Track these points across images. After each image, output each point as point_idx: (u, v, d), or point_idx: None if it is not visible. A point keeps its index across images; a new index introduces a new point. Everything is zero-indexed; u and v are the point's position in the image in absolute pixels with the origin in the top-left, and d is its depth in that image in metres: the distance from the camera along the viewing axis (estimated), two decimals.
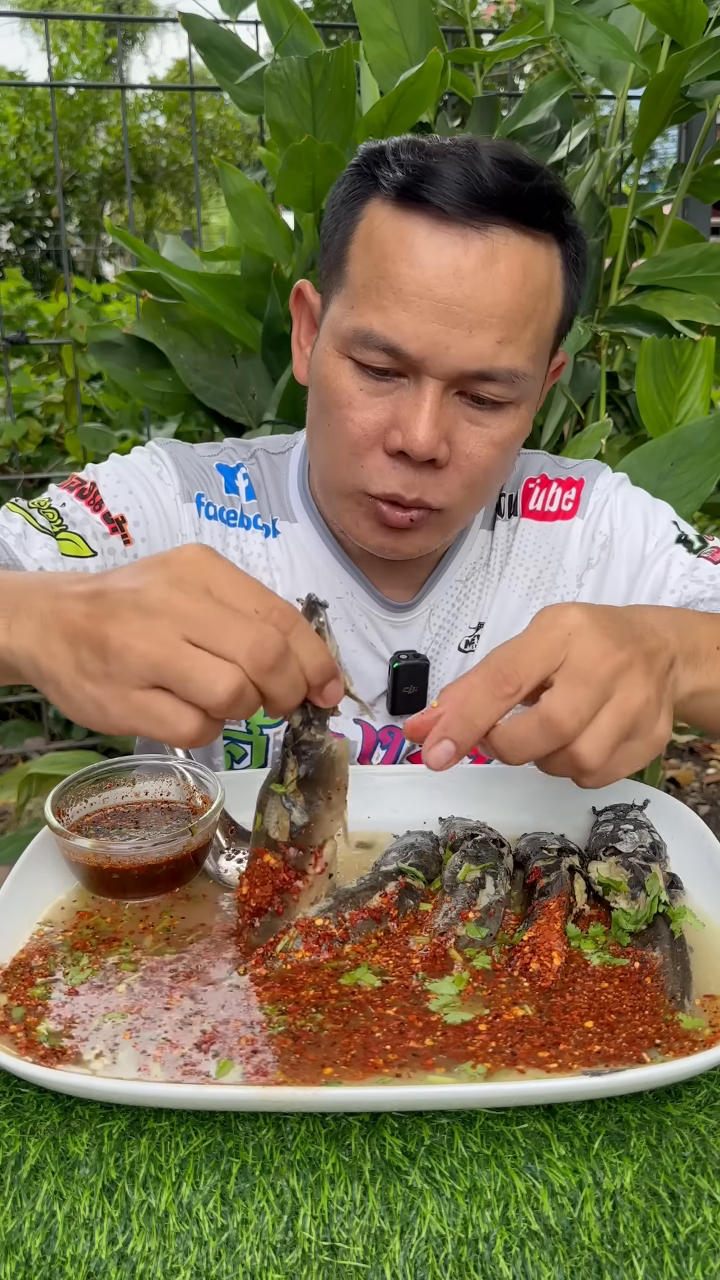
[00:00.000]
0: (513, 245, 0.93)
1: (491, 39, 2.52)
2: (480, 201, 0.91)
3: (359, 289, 0.96)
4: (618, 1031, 0.68)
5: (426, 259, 0.92)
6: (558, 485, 1.19)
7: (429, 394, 0.94)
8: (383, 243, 0.95)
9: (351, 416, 0.97)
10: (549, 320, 0.99)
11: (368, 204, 0.98)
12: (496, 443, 0.99)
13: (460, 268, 0.92)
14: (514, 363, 0.95)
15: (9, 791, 2.44)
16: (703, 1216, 0.59)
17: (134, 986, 0.73)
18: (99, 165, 12.76)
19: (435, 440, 0.94)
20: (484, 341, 0.93)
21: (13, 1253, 0.58)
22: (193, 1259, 0.57)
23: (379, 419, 0.97)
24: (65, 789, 0.87)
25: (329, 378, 0.99)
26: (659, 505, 1.19)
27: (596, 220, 1.87)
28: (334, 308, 1.01)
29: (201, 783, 0.89)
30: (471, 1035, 0.67)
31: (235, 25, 2.13)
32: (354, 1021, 0.69)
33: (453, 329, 0.92)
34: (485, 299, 0.92)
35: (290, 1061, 0.65)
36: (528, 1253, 0.57)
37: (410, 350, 0.93)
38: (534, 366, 0.98)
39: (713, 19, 1.61)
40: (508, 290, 0.93)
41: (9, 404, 3.10)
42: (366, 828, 0.94)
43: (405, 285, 0.93)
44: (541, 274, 0.96)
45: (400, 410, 0.96)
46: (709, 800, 3.29)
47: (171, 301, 2.01)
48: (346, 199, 1.01)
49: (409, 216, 0.94)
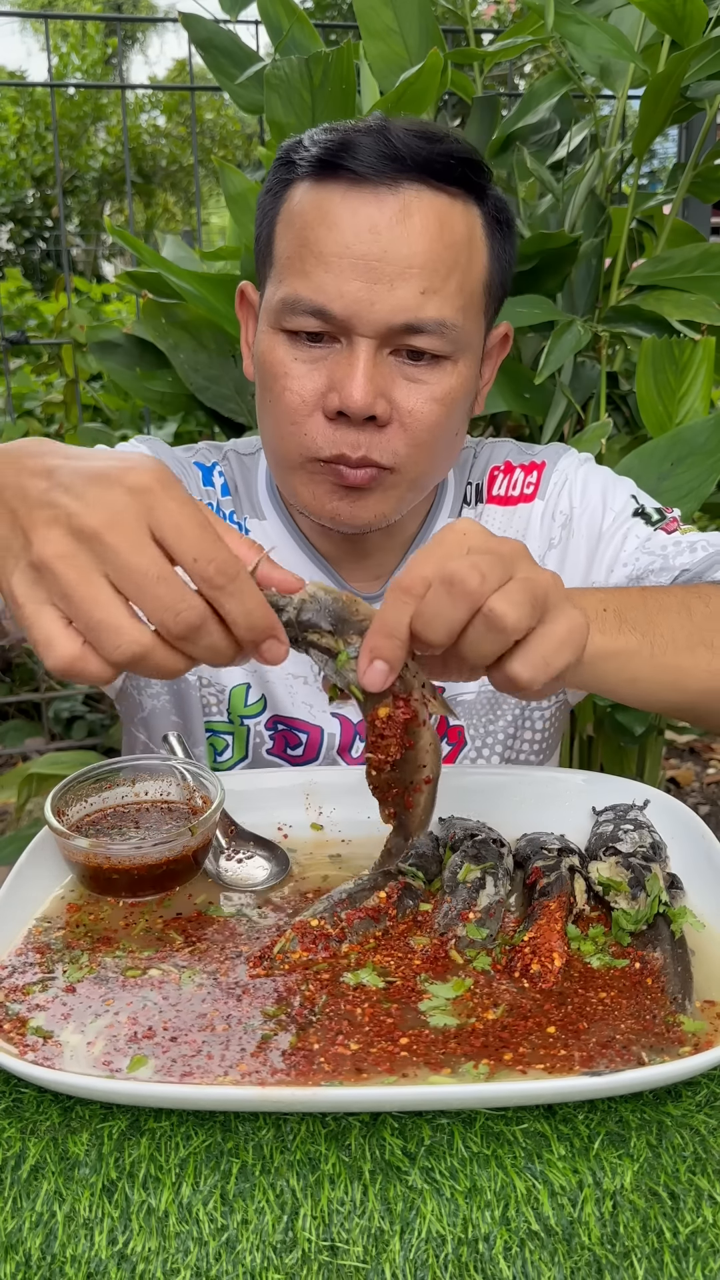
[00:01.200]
0: (426, 200, 0.96)
1: (491, 39, 2.52)
2: (392, 162, 0.95)
3: (284, 263, 0.99)
4: (617, 1032, 0.68)
5: (343, 220, 0.95)
6: (521, 470, 1.20)
7: (361, 352, 0.96)
8: (302, 214, 0.98)
9: (289, 385, 0.99)
10: (474, 274, 1.00)
11: (289, 188, 1.01)
12: (438, 398, 0.99)
13: (376, 224, 0.95)
14: (440, 313, 0.97)
15: (9, 791, 2.44)
16: (703, 1217, 0.59)
17: (133, 986, 0.73)
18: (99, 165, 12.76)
19: (370, 395, 0.95)
20: (406, 293, 0.95)
21: (13, 1253, 0.58)
22: (193, 1259, 0.57)
23: (316, 385, 0.98)
24: (65, 789, 0.87)
25: (265, 353, 1.02)
26: (620, 480, 1.19)
27: (596, 220, 1.87)
28: (267, 291, 1.04)
29: (201, 783, 0.89)
30: (454, 1039, 0.67)
31: (235, 25, 2.13)
32: (350, 1022, 0.69)
33: (375, 284, 0.95)
34: (402, 250, 0.95)
35: (289, 1061, 0.65)
36: (528, 1253, 0.57)
37: (336, 310, 0.95)
38: (464, 319, 0.99)
39: (713, 19, 1.61)
40: (424, 241, 0.95)
41: (9, 404, 3.10)
42: (367, 828, 0.94)
43: (325, 248, 0.96)
44: (459, 228, 0.98)
45: (335, 372, 0.97)
46: (709, 800, 3.29)
47: (171, 301, 2.01)
48: (270, 188, 1.04)
49: (325, 186, 0.97)
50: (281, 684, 1.14)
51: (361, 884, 0.81)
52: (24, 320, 4.05)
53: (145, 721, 1.19)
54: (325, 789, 0.96)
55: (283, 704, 1.15)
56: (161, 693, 1.17)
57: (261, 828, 0.92)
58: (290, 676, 1.14)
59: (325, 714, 1.15)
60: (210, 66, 2.03)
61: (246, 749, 1.16)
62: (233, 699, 1.15)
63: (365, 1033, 0.67)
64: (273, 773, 1.04)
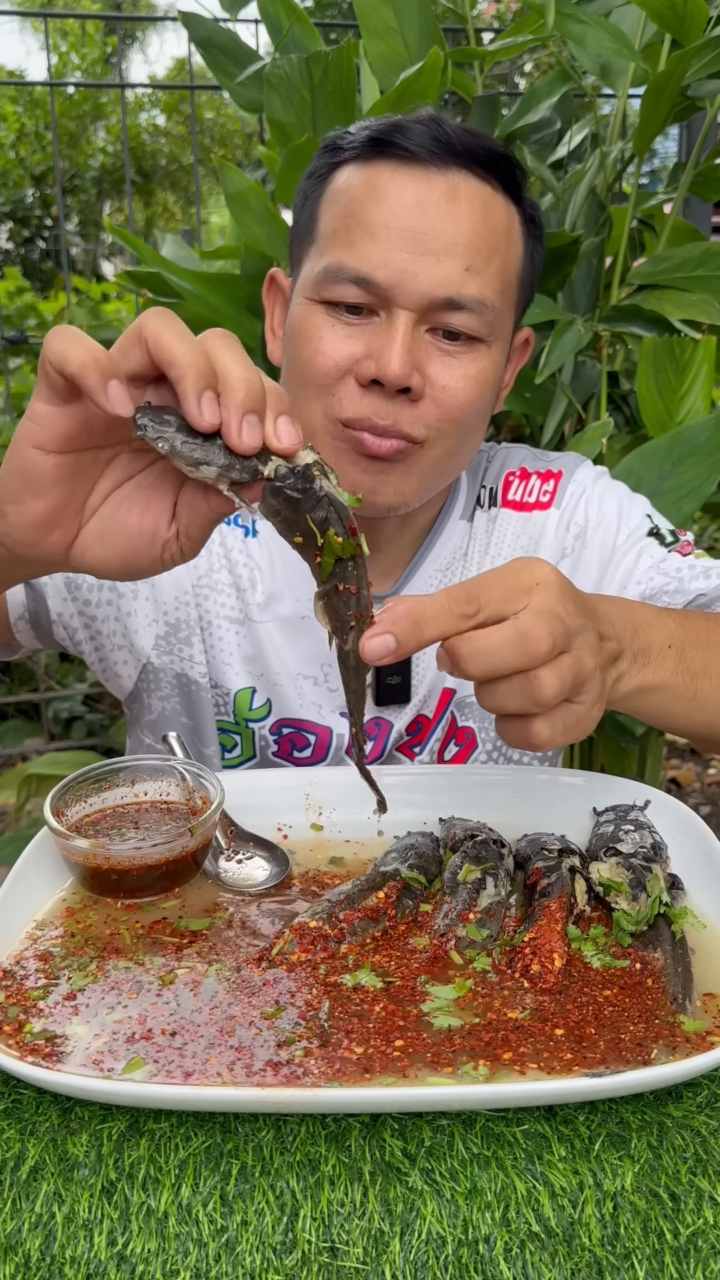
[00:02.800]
0: (473, 186, 0.99)
1: (492, 38, 2.52)
2: (443, 145, 0.98)
3: (328, 236, 1.00)
4: (618, 1033, 0.68)
5: (391, 195, 0.97)
6: (537, 477, 1.20)
7: (401, 324, 0.97)
8: (349, 190, 1.00)
9: (322, 349, 0.99)
10: (512, 261, 1.03)
11: (335, 171, 1.03)
12: (471, 376, 1.00)
13: (424, 200, 0.97)
14: (482, 291, 0.98)
15: (8, 792, 2.44)
16: (703, 1218, 0.59)
17: (132, 987, 0.72)
18: (99, 164, 12.74)
19: (408, 366, 0.96)
20: (451, 268, 0.97)
21: (12, 1254, 0.58)
22: (192, 1260, 0.57)
23: (351, 351, 0.98)
24: (64, 789, 0.87)
25: (299, 322, 1.01)
26: (635, 498, 1.19)
27: (597, 219, 1.87)
28: (305, 267, 1.04)
29: (201, 783, 0.89)
30: (454, 1040, 0.67)
31: (235, 24, 2.12)
32: (349, 1024, 0.68)
33: (420, 256, 0.96)
34: (449, 227, 0.97)
35: (289, 1062, 0.65)
36: (528, 1254, 0.57)
37: (379, 278, 0.96)
38: (501, 302, 1.01)
39: (713, 18, 1.61)
40: (470, 222, 0.98)
41: (8, 403, 3.09)
42: (366, 828, 0.94)
43: (371, 219, 0.97)
44: (501, 216, 1.01)
45: (373, 342, 0.98)
46: (710, 800, 3.29)
47: (171, 301, 2.01)
48: (313, 173, 1.06)
49: (374, 164, 1.00)
50: (290, 684, 1.14)
51: (360, 884, 0.81)
52: (23, 319, 4.05)
53: (153, 725, 1.18)
54: (325, 790, 0.96)
55: (290, 705, 1.14)
56: (172, 695, 1.16)
57: (261, 828, 0.92)
58: (300, 677, 1.14)
59: (334, 714, 1.14)
60: (210, 65, 2.03)
61: (254, 749, 1.16)
62: (237, 702, 1.15)
63: (364, 1034, 0.67)
64: (273, 773, 1.04)
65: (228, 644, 1.14)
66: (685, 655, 0.89)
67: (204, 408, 0.62)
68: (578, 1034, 0.68)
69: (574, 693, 0.72)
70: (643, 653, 0.85)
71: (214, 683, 1.15)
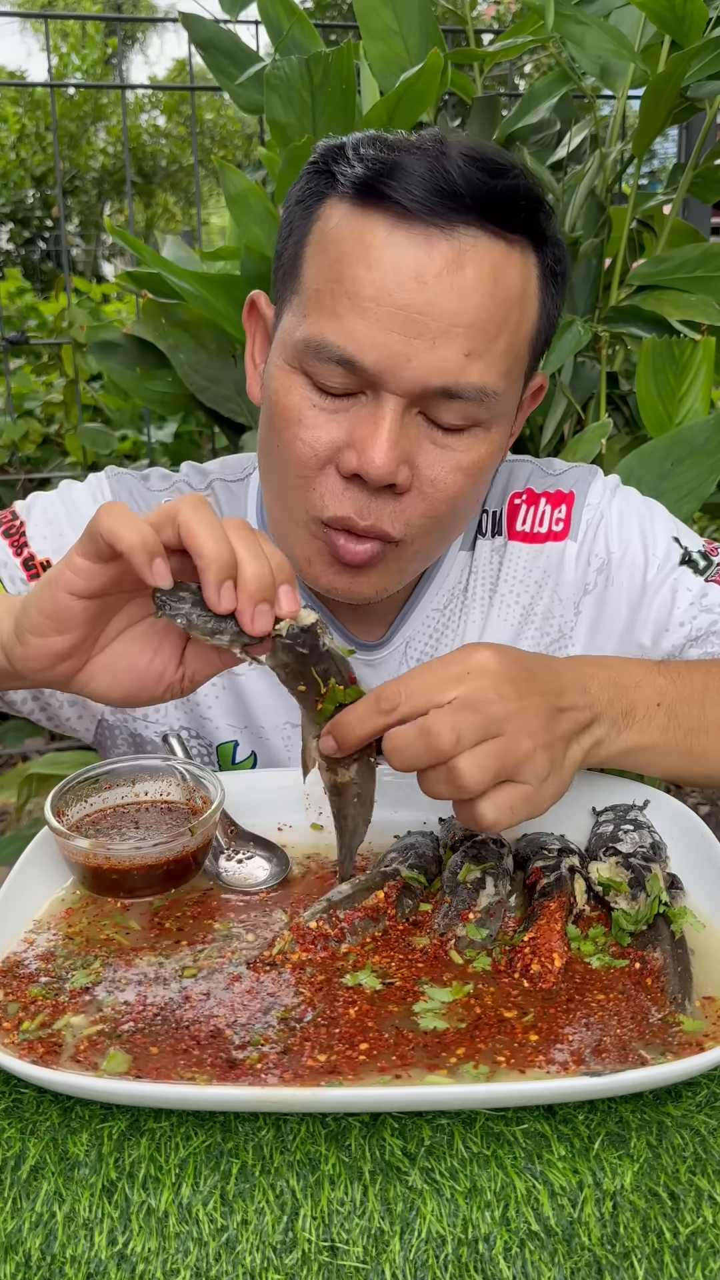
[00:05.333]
0: (483, 248, 0.85)
1: (492, 39, 2.52)
2: (447, 199, 0.84)
3: (312, 295, 0.89)
4: (618, 1032, 0.68)
5: (385, 261, 0.84)
6: (546, 501, 1.10)
7: (388, 411, 0.86)
8: (338, 243, 0.87)
9: (301, 435, 0.89)
10: (523, 333, 0.91)
11: (324, 204, 0.90)
12: (464, 468, 0.90)
13: (423, 271, 0.84)
14: (483, 379, 0.87)
15: (9, 791, 2.44)
16: (703, 1217, 0.59)
17: (132, 987, 0.72)
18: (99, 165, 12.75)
19: (394, 462, 0.86)
20: (449, 353, 0.85)
21: (12, 1253, 0.58)
22: (192, 1259, 0.57)
23: (332, 438, 0.89)
24: (65, 789, 0.87)
25: (279, 393, 0.91)
26: (656, 516, 1.10)
27: (596, 220, 1.87)
28: (286, 318, 0.93)
29: (201, 783, 0.89)
30: (454, 1040, 0.67)
31: (235, 25, 2.12)
32: (350, 1024, 0.68)
33: (414, 339, 0.84)
34: (450, 306, 0.84)
35: (288, 1062, 0.65)
36: (528, 1253, 0.57)
37: (366, 362, 0.85)
38: (506, 384, 0.90)
39: (713, 19, 1.61)
40: (476, 297, 0.85)
41: (9, 404, 3.10)
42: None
43: (361, 289, 0.85)
44: (514, 281, 0.88)
45: (356, 429, 0.87)
46: (709, 800, 3.29)
47: (171, 301, 2.01)
48: (302, 199, 0.93)
49: (368, 215, 0.86)
50: (277, 735, 1.09)
51: (360, 884, 0.81)
52: (24, 320, 4.05)
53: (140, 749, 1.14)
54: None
55: (278, 756, 1.09)
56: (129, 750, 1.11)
57: (261, 828, 0.92)
58: (287, 725, 1.08)
59: None
60: (210, 66, 2.03)
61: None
62: (220, 754, 1.10)
63: (365, 1034, 0.67)
64: (273, 773, 1.04)
65: (205, 698, 1.08)
66: (677, 712, 0.89)
67: (223, 596, 0.70)
68: (577, 1033, 0.68)
69: (509, 774, 0.74)
70: (626, 714, 0.86)
71: (195, 734, 1.10)
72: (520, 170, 0.89)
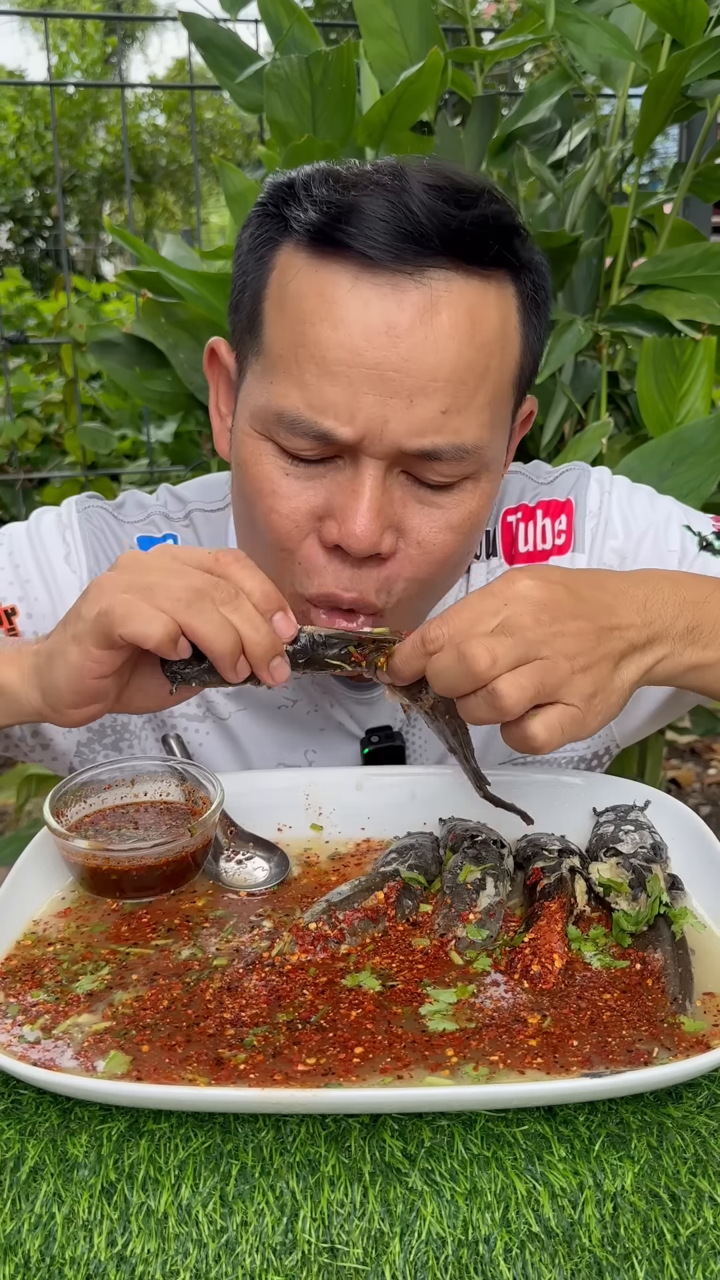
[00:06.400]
0: (456, 291, 0.80)
1: (492, 38, 2.51)
2: (413, 241, 0.78)
3: (275, 360, 0.83)
4: (618, 1033, 0.68)
5: (352, 318, 0.79)
6: (543, 513, 1.06)
7: (368, 478, 0.82)
8: (298, 299, 0.81)
9: (277, 508, 0.85)
10: (506, 375, 0.86)
11: (278, 251, 0.84)
12: (454, 526, 0.86)
13: (394, 324, 0.78)
14: (462, 437, 0.82)
15: (8, 792, 2.44)
16: (703, 1218, 0.59)
17: (131, 988, 0.72)
18: (98, 164, 12.74)
19: (376, 533, 0.82)
20: (427, 412, 0.80)
21: (12, 1254, 0.58)
22: (192, 1261, 0.57)
23: (311, 506, 0.84)
24: (64, 789, 0.87)
25: (248, 463, 0.86)
26: (657, 507, 1.08)
27: (597, 219, 1.87)
28: (250, 380, 0.87)
29: (201, 783, 0.89)
30: (454, 1041, 0.67)
31: (235, 24, 2.12)
32: (350, 1025, 0.68)
33: (390, 398, 0.79)
34: (427, 359, 0.79)
35: (288, 1062, 0.65)
36: (528, 1254, 0.57)
37: (343, 436, 0.81)
38: (491, 433, 0.85)
39: (713, 18, 1.61)
40: (454, 346, 0.80)
41: (8, 403, 3.09)
42: (366, 829, 0.94)
43: (328, 352, 0.79)
44: (493, 323, 0.83)
45: (336, 497, 0.83)
46: (710, 800, 3.29)
47: (171, 300, 2.01)
48: (254, 246, 0.86)
49: (327, 266, 0.80)
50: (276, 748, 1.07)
51: (360, 885, 0.81)
52: (23, 320, 4.04)
53: None
54: (325, 789, 0.96)
55: None
56: None
57: (261, 828, 0.92)
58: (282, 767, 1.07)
59: None
60: (210, 65, 2.03)
61: None
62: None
63: (364, 1035, 0.67)
64: (273, 773, 1.04)
65: (190, 741, 1.05)
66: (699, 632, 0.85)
67: (239, 671, 0.75)
68: (577, 1034, 0.68)
69: (549, 695, 0.73)
70: (691, 630, 0.82)
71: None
72: (489, 193, 0.83)
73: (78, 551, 1.02)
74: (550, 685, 0.73)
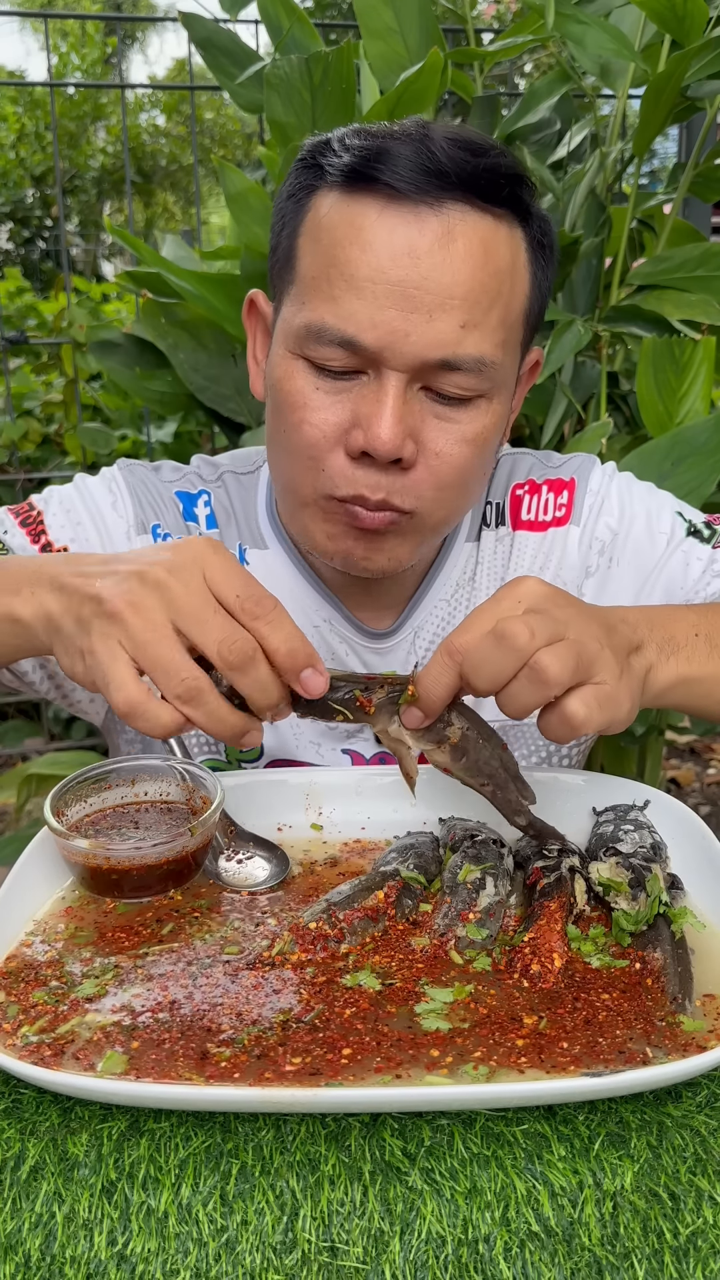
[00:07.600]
0: (470, 223, 0.88)
1: (492, 38, 2.52)
2: (434, 177, 0.87)
3: (308, 282, 0.91)
4: (618, 1032, 0.68)
5: (378, 241, 0.87)
6: (548, 489, 1.13)
7: (391, 388, 0.89)
8: (331, 229, 0.90)
9: (308, 418, 0.92)
10: (516, 304, 0.94)
11: (314, 195, 0.93)
12: (469, 439, 0.93)
13: (415, 247, 0.87)
14: (480, 349, 0.90)
15: (8, 792, 2.44)
16: (703, 1217, 0.59)
17: (131, 988, 0.72)
18: (99, 165, 12.74)
19: (400, 437, 0.89)
20: (446, 325, 0.88)
21: (12, 1254, 0.58)
22: (192, 1260, 0.57)
23: (338, 419, 0.91)
24: (64, 789, 0.87)
25: (282, 380, 0.94)
26: (656, 496, 1.13)
27: (597, 220, 1.87)
28: (285, 308, 0.95)
29: (201, 783, 0.89)
30: (454, 1040, 0.67)
31: (235, 24, 2.13)
32: (349, 1024, 0.68)
33: (411, 314, 0.87)
34: (444, 279, 0.87)
35: (288, 1062, 0.65)
36: (528, 1254, 0.57)
37: (367, 341, 0.88)
38: (503, 354, 0.93)
39: (713, 18, 1.61)
40: (468, 269, 0.88)
41: (8, 404, 3.09)
42: (366, 829, 0.94)
43: (357, 270, 0.88)
44: (504, 254, 0.91)
45: (361, 407, 0.90)
46: (709, 800, 3.29)
47: (171, 301, 2.01)
48: (293, 193, 0.96)
49: (358, 199, 0.89)
50: (287, 725, 1.09)
51: (359, 884, 0.81)
52: (23, 320, 4.04)
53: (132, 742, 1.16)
54: (325, 789, 0.96)
55: (287, 745, 1.09)
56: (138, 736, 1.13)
57: (261, 828, 0.92)
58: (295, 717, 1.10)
59: (334, 751, 1.09)
60: (210, 66, 2.03)
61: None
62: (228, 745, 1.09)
63: (364, 1034, 0.67)
64: (273, 773, 1.04)
65: None
66: (716, 642, 0.89)
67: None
68: (577, 1034, 0.68)
69: (585, 674, 0.74)
70: (669, 640, 0.86)
71: None
72: (501, 150, 0.93)
73: (124, 499, 1.09)
74: (585, 660, 0.73)
